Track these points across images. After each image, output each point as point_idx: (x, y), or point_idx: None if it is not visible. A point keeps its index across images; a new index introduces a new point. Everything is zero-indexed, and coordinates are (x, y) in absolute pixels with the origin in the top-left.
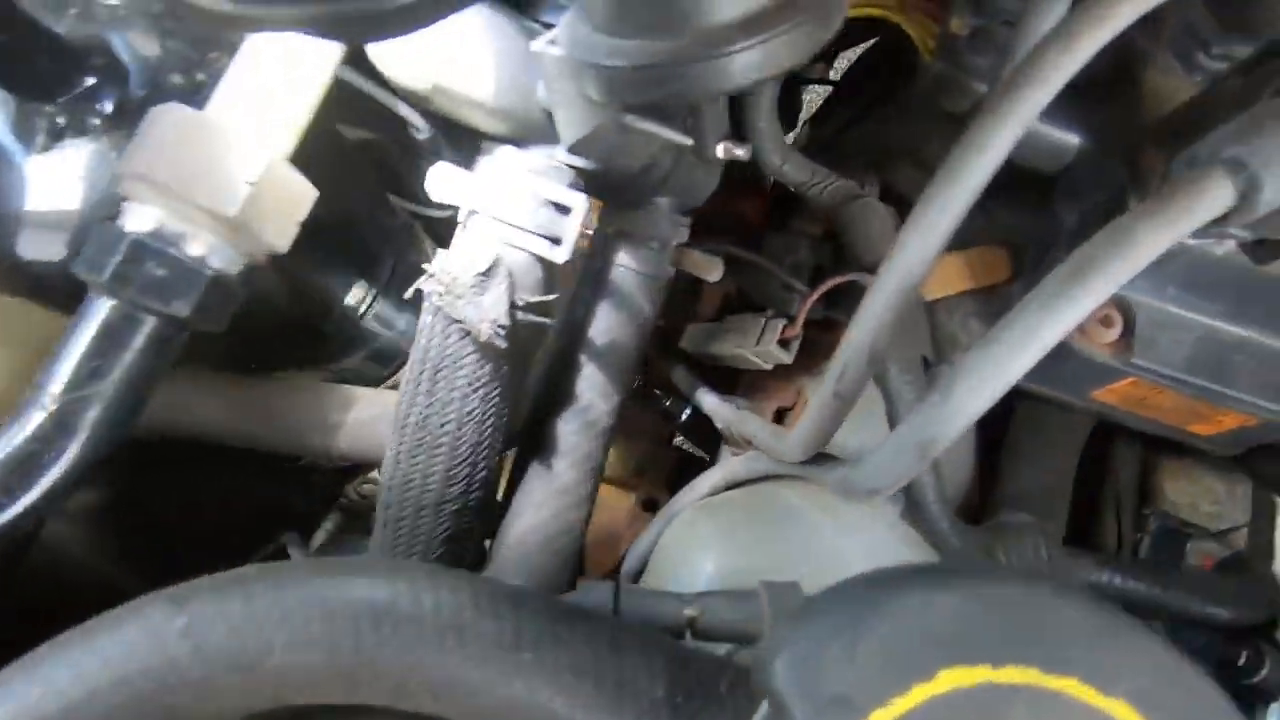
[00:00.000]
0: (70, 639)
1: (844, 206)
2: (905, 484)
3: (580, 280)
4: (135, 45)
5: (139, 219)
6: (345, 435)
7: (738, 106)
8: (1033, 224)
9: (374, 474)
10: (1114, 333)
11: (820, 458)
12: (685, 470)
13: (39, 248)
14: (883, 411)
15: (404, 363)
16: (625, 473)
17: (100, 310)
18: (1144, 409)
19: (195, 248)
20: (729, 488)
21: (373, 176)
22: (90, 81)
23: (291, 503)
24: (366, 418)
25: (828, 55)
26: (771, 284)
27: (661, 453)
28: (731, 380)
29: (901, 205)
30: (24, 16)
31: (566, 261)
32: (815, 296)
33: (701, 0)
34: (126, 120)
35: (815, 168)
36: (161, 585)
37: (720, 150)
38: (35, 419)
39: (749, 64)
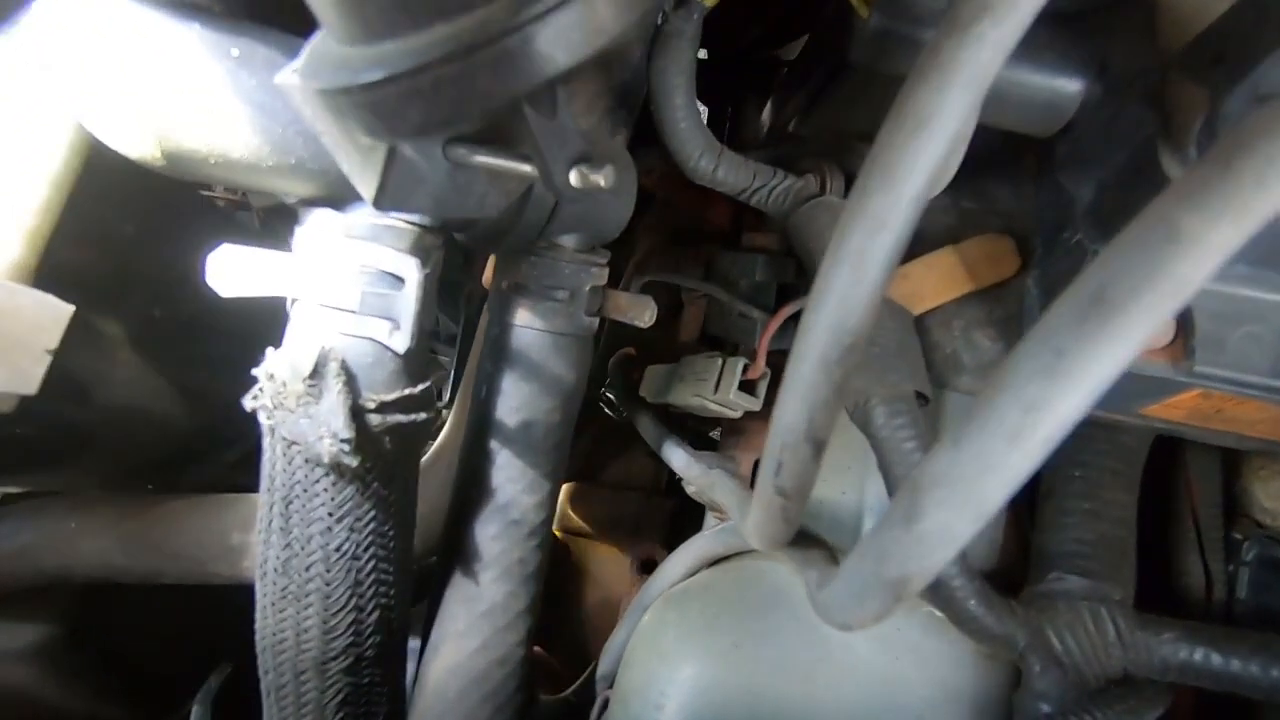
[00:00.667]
0: None
1: (794, 212)
2: (881, 622)
3: (481, 350)
4: None
5: None
6: (252, 559)
7: (649, 104)
8: (1041, 202)
9: None
10: (1165, 336)
11: (799, 539)
12: (685, 520)
13: None
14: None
15: None
16: (619, 531)
17: None
18: (1220, 423)
19: None
20: (702, 566)
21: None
22: None
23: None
24: None
25: (787, 34)
26: (728, 313)
27: (655, 504)
28: (713, 422)
29: None
30: None
31: (407, 347)
32: (774, 326)
33: None
34: None
35: (757, 168)
36: (140, 708)
37: (574, 177)
38: None
39: (557, 39)
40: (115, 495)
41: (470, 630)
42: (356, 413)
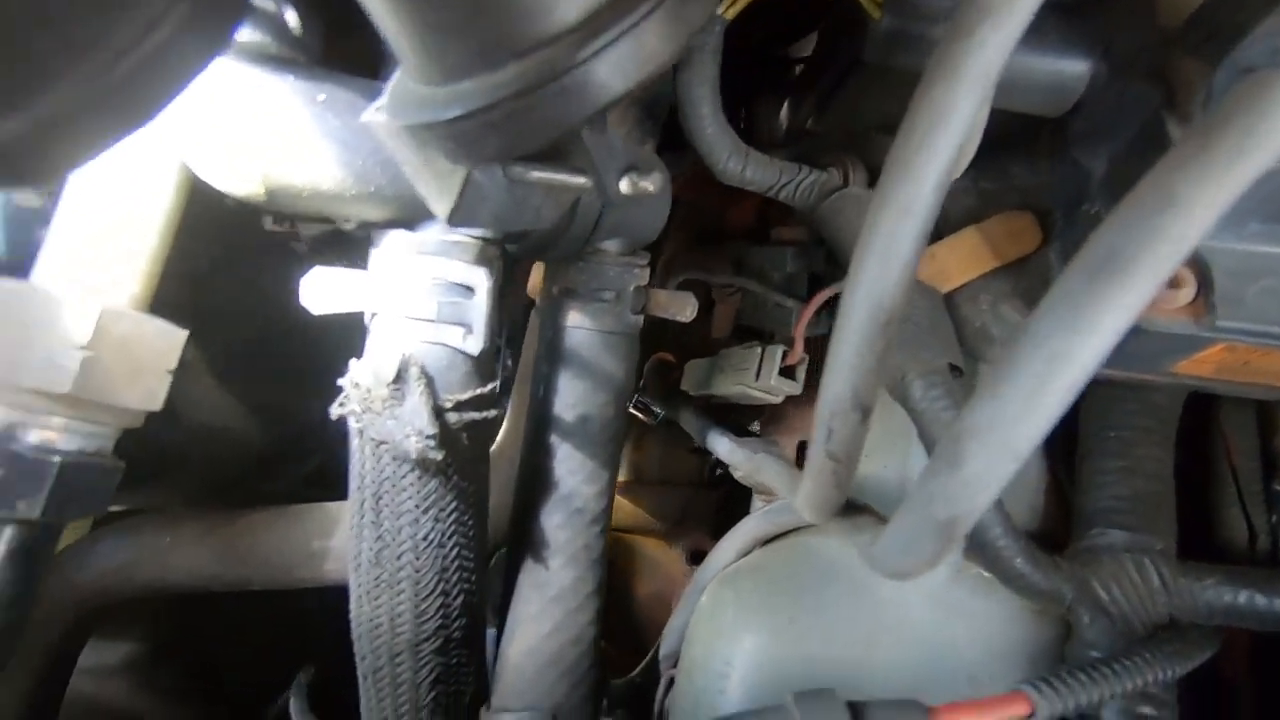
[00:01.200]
0: None
1: (820, 205)
2: (937, 567)
3: (537, 353)
4: None
5: None
6: (334, 561)
7: (676, 113)
8: (1058, 177)
9: None
10: (1186, 294)
11: (846, 511)
12: (731, 511)
13: None
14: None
15: None
16: (667, 525)
17: None
18: (1248, 375)
19: (34, 435)
20: (755, 546)
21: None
22: None
23: (335, 625)
24: None
25: (797, 32)
26: (764, 304)
27: (702, 496)
28: (752, 413)
29: None
30: None
31: (480, 349)
32: (809, 314)
33: (527, 8)
34: None
35: (782, 165)
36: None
37: (625, 185)
38: None
39: (614, 70)
40: (201, 511)
41: (543, 614)
42: (437, 412)
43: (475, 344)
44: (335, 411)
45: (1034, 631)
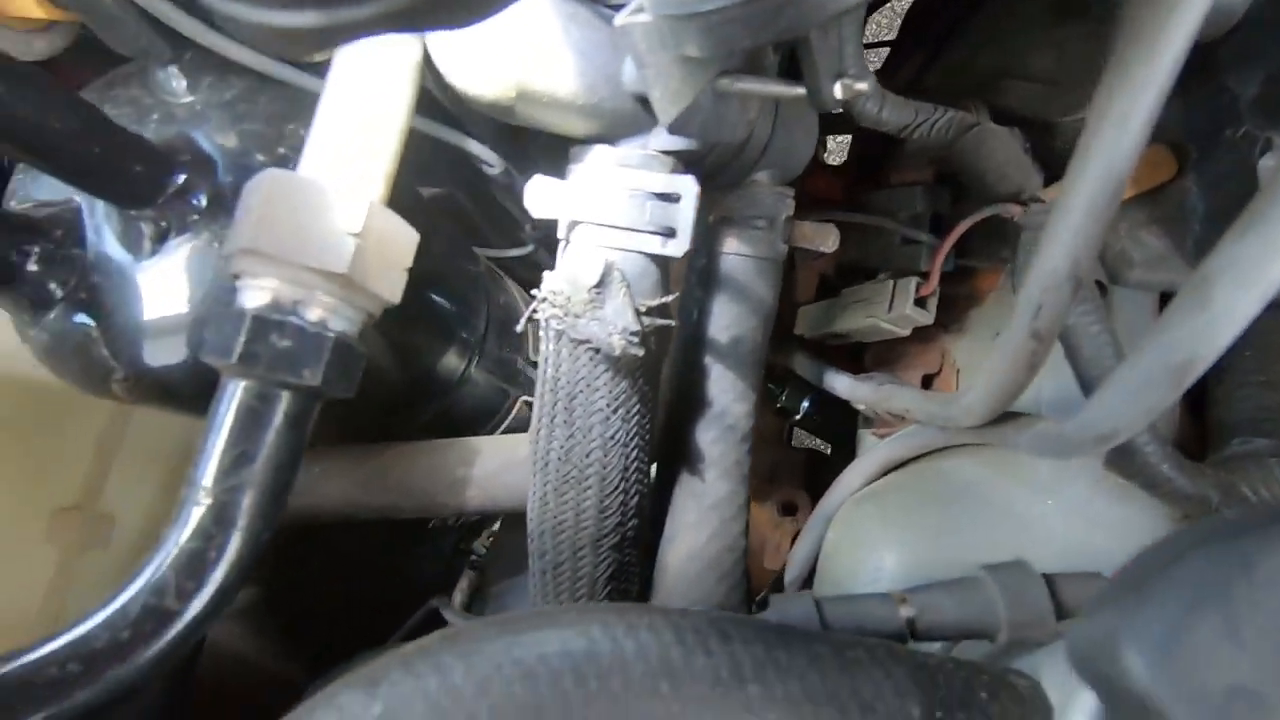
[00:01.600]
0: None
1: (959, 140)
2: (1151, 422)
3: (687, 278)
4: (215, 136)
5: (255, 294)
6: (476, 489)
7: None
8: (1195, 107)
9: (496, 527)
10: None
11: (1005, 417)
12: (817, 467)
13: (162, 354)
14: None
15: (509, 410)
16: (756, 479)
17: (235, 394)
18: None
19: (314, 312)
20: (884, 473)
21: (451, 227)
22: (181, 179)
23: (425, 571)
24: (494, 468)
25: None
26: (888, 244)
27: (787, 452)
28: (851, 361)
29: (1018, 124)
30: (116, 128)
31: (674, 260)
32: (953, 239)
33: None
34: (221, 210)
35: (918, 105)
36: (316, 670)
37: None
38: (195, 515)
39: None
40: (343, 446)
41: (701, 521)
42: (636, 313)
43: (679, 247)
44: (539, 316)
45: None
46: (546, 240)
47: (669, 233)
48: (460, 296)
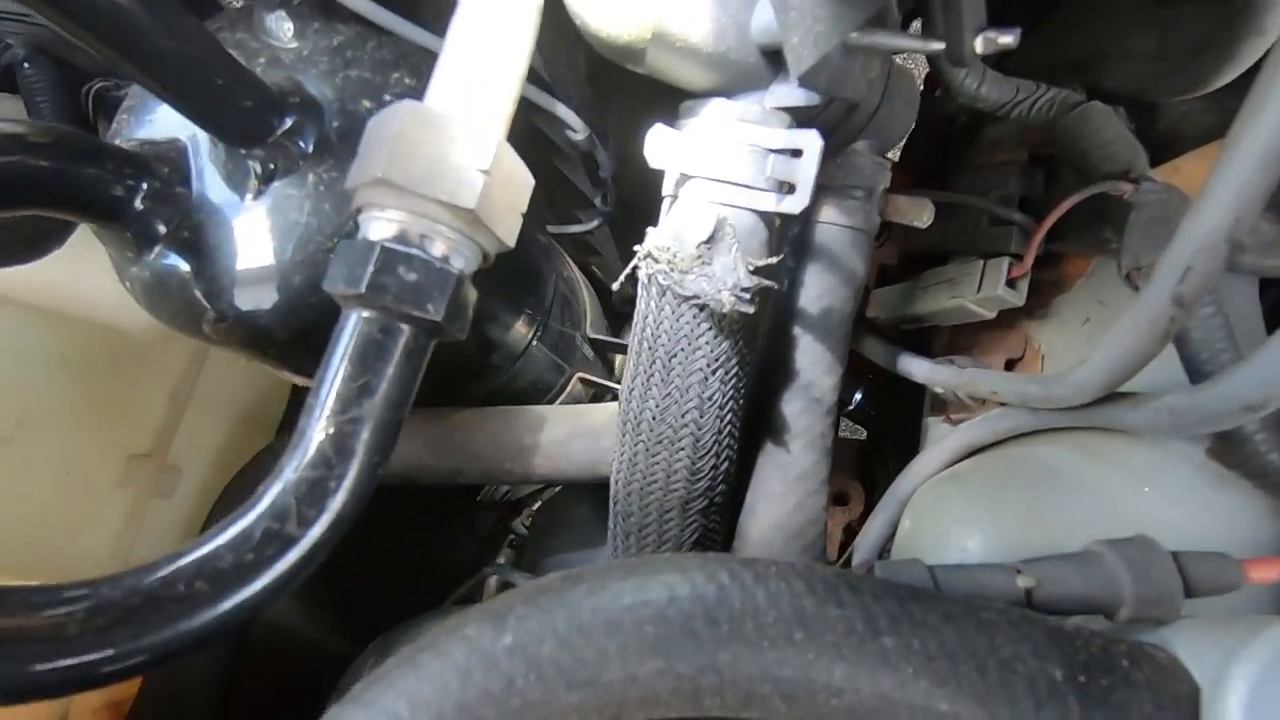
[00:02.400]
0: (396, 671)
1: (1062, 118)
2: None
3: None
4: (320, 83)
5: (381, 226)
6: (542, 457)
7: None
8: None
9: (536, 506)
10: None
11: (1115, 396)
12: (870, 458)
13: (254, 299)
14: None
15: (563, 387)
16: None
17: (357, 324)
18: None
19: (439, 248)
20: (962, 458)
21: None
22: (290, 122)
23: (464, 546)
24: (561, 436)
25: None
26: (974, 225)
27: (841, 442)
28: (918, 348)
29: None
30: (236, 64)
31: (803, 207)
32: (1055, 216)
33: None
34: (327, 154)
35: (1019, 83)
36: (361, 643)
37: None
38: (315, 443)
39: None
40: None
41: (786, 492)
42: (748, 269)
43: (798, 203)
44: (642, 274)
45: None
46: (613, 217)
47: (787, 189)
48: (533, 266)
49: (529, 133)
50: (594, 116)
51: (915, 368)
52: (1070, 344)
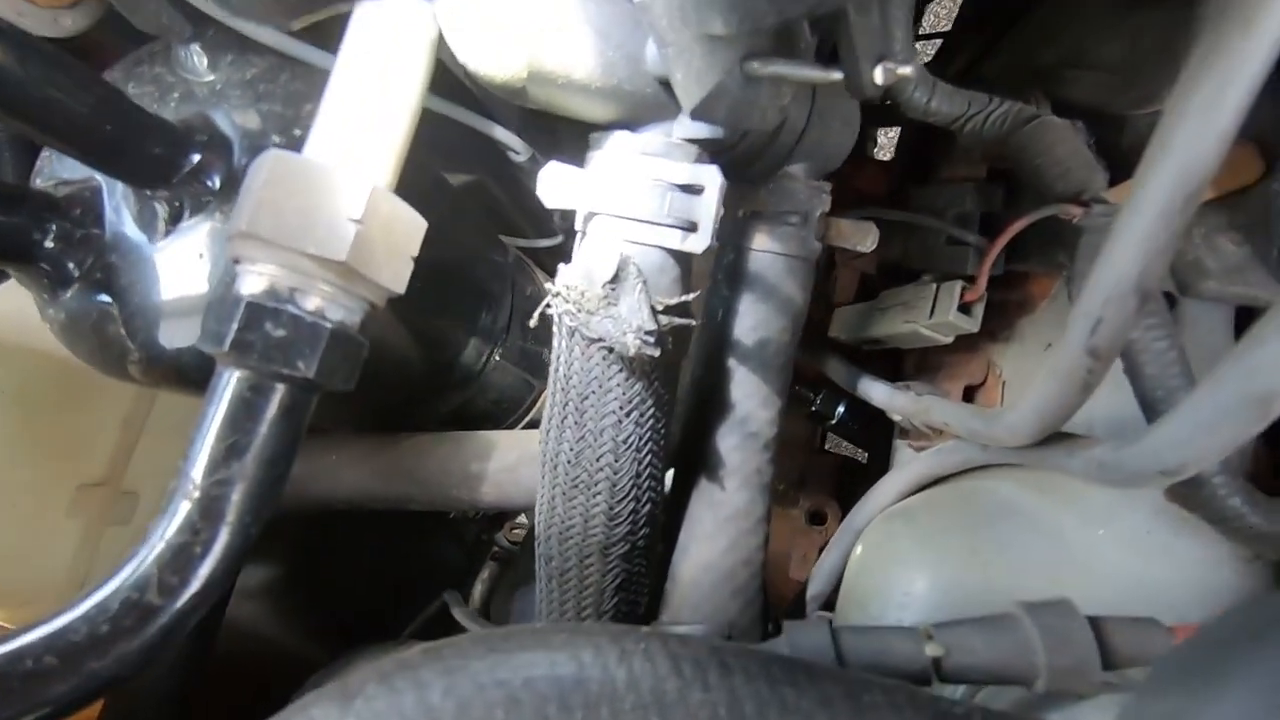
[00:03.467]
0: None
1: (1015, 134)
2: (1226, 457)
3: (713, 275)
4: (234, 116)
5: (252, 280)
6: (490, 484)
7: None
8: None
9: (522, 519)
10: None
11: (1054, 438)
12: (849, 476)
13: (177, 335)
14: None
15: (534, 402)
16: (783, 485)
17: (228, 384)
18: None
19: (311, 301)
20: (919, 489)
21: (479, 216)
22: (196, 159)
23: (446, 558)
24: (509, 463)
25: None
26: (932, 244)
27: (818, 459)
28: (890, 366)
29: (1083, 117)
30: (133, 107)
31: (698, 255)
32: (1004, 241)
33: None
34: (235, 191)
35: (971, 96)
36: (337, 651)
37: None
38: (183, 509)
39: None
40: (361, 435)
41: (718, 532)
42: (653, 311)
43: (700, 242)
44: (551, 311)
45: (1244, 576)
46: (574, 232)
47: (690, 227)
48: (484, 286)
49: (491, 150)
50: (537, 135)
51: (875, 391)
52: (1033, 370)
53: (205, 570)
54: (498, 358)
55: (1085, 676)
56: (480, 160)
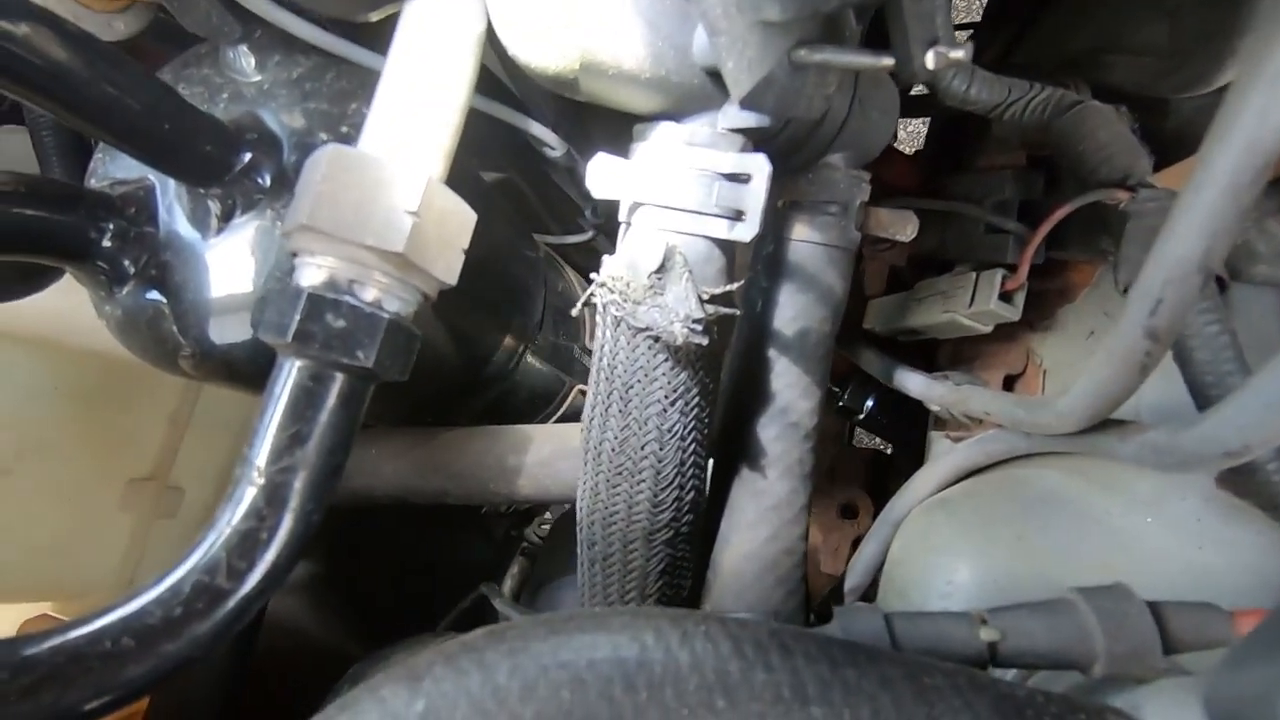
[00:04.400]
0: None
1: (1057, 120)
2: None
3: (751, 266)
4: (281, 115)
5: (311, 272)
6: (526, 478)
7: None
8: None
9: (548, 514)
10: None
11: (1104, 425)
12: (880, 469)
13: (228, 331)
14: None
15: (564, 397)
16: (815, 479)
17: (289, 373)
18: None
19: (369, 293)
20: (958, 479)
21: (512, 213)
22: (247, 158)
23: (476, 553)
24: (545, 456)
25: None
26: (970, 233)
27: (849, 452)
28: (923, 358)
29: (1123, 102)
30: (187, 106)
31: (741, 245)
32: (1046, 228)
33: None
34: (285, 189)
35: (1011, 82)
36: (371, 647)
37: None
38: (248, 495)
39: None
40: (400, 429)
41: (760, 521)
42: (699, 300)
43: (748, 230)
44: (597, 302)
45: None
46: (606, 228)
47: (737, 216)
48: (517, 282)
49: (522, 148)
50: (572, 130)
51: (911, 382)
52: (1074, 359)
53: (270, 555)
54: (530, 354)
55: (1145, 661)
56: (510, 158)
